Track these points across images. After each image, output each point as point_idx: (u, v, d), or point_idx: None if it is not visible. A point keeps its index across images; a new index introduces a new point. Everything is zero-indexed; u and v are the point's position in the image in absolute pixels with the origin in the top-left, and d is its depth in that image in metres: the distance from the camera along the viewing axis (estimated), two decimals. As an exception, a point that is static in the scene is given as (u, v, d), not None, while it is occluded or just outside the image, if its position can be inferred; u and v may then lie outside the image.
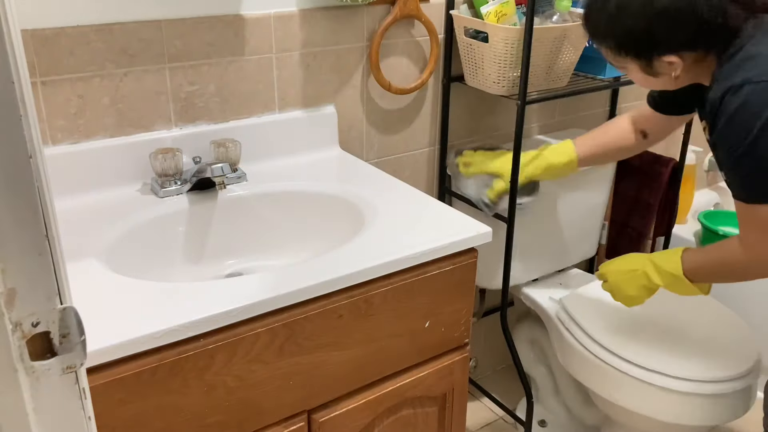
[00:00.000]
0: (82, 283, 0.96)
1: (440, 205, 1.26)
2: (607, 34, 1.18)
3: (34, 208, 0.47)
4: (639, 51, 1.15)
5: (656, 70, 1.17)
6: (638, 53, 1.16)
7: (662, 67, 1.15)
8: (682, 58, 1.13)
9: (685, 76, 1.18)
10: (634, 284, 1.36)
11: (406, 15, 1.50)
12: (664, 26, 1.10)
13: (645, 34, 1.12)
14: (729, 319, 1.60)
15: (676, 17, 1.08)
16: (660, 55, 1.13)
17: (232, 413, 0.99)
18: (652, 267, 1.33)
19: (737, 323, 1.59)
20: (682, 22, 1.09)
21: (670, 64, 1.14)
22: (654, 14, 1.09)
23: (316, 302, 1.01)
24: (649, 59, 1.15)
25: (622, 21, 1.13)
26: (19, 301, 0.48)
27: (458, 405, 1.30)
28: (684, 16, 1.08)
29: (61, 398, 0.52)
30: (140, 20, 1.22)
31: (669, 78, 1.17)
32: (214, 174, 1.23)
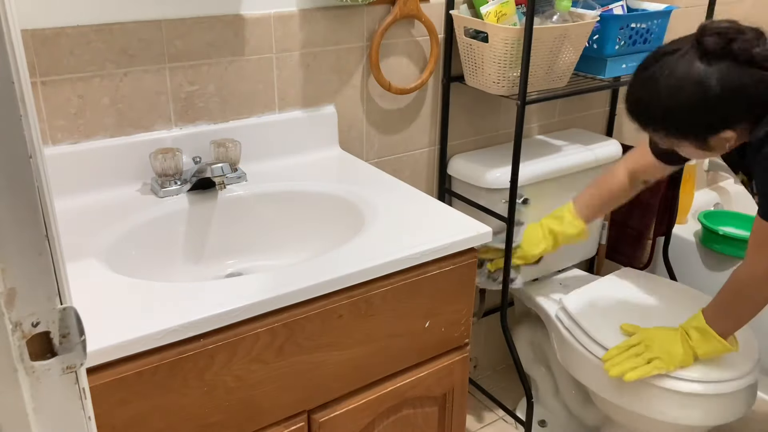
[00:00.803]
0: (82, 283, 0.96)
1: (440, 205, 1.26)
2: (662, 125, 1.21)
3: (34, 208, 0.47)
4: (697, 133, 1.18)
5: (712, 146, 1.19)
6: (696, 134, 1.19)
7: (718, 143, 1.18)
8: (736, 131, 1.16)
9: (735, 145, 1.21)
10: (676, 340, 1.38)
11: (406, 15, 1.50)
12: (721, 109, 1.13)
13: (703, 119, 1.15)
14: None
15: (730, 98, 1.12)
16: (717, 134, 1.16)
17: (232, 413, 0.99)
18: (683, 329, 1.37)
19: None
20: (737, 103, 1.13)
21: (726, 140, 1.17)
22: (710, 97, 1.12)
23: (316, 302, 1.01)
24: (705, 139, 1.18)
25: (678, 108, 1.16)
26: (19, 301, 0.48)
27: (458, 405, 1.30)
28: (737, 95, 1.12)
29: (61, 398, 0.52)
30: (140, 20, 1.22)
31: (723, 150, 1.21)
32: (214, 174, 1.23)
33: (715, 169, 2.40)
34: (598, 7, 1.62)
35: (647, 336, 1.41)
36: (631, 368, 1.38)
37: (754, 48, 1.11)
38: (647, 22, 1.64)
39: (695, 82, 1.12)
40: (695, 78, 1.12)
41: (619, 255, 2.05)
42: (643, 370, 1.37)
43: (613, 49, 1.62)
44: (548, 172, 1.70)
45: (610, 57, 1.63)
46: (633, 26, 1.63)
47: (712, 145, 1.19)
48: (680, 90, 1.14)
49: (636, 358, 1.39)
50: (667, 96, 1.16)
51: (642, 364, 1.38)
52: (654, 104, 1.18)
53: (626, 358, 1.40)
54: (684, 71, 1.13)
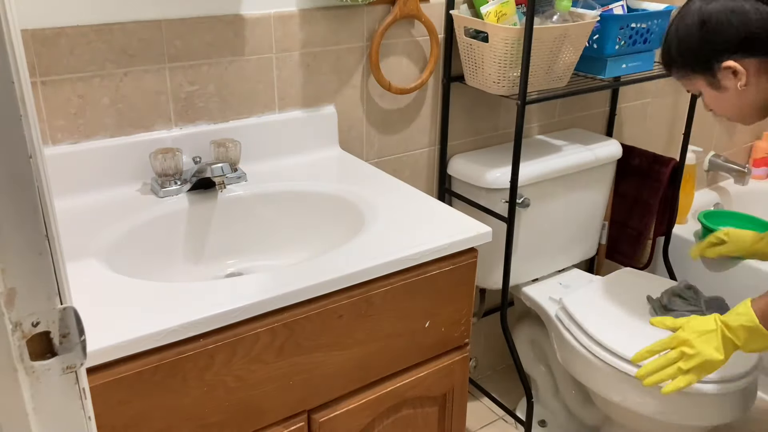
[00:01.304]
0: (82, 283, 0.96)
1: (440, 205, 1.26)
2: (672, 57, 1.25)
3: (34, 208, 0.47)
4: (699, 61, 1.21)
5: (721, 82, 1.20)
6: (699, 64, 1.21)
7: (726, 77, 1.19)
8: (742, 64, 1.16)
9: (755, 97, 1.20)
10: (713, 344, 1.21)
11: (406, 15, 1.50)
12: (711, 30, 1.17)
13: (698, 42, 1.19)
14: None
15: (722, 20, 1.16)
16: (719, 62, 1.18)
17: (232, 413, 0.99)
18: (724, 326, 1.21)
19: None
20: (728, 25, 1.15)
21: (734, 74, 1.17)
22: (703, 21, 1.17)
23: (316, 302, 1.01)
24: (711, 71, 1.19)
25: (680, 39, 1.22)
26: (19, 301, 0.48)
27: (458, 405, 1.30)
28: (729, 19, 1.15)
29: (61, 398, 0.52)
30: (140, 20, 1.22)
31: (737, 92, 1.20)
32: (214, 174, 1.23)
33: (715, 169, 2.40)
34: (598, 7, 1.62)
35: (684, 339, 1.23)
36: (668, 377, 1.23)
37: None
38: (647, 22, 1.64)
39: (696, 13, 1.19)
40: (696, 11, 1.19)
41: (619, 255, 2.05)
42: (681, 381, 1.22)
43: (613, 49, 1.62)
44: (548, 172, 1.70)
45: (610, 57, 1.63)
46: (633, 26, 1.63)
47: (721, 82, 1.20)
48: (685, 24, 1.20)
49: (672, 368, 1.23)
50: (674, 32, 1.23)
51: (678, 375, 1.23)
52: (669, 45, 1.25)
53: (662, 367, 1.24)
54: (690, 8, 1.21)
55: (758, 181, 2.50)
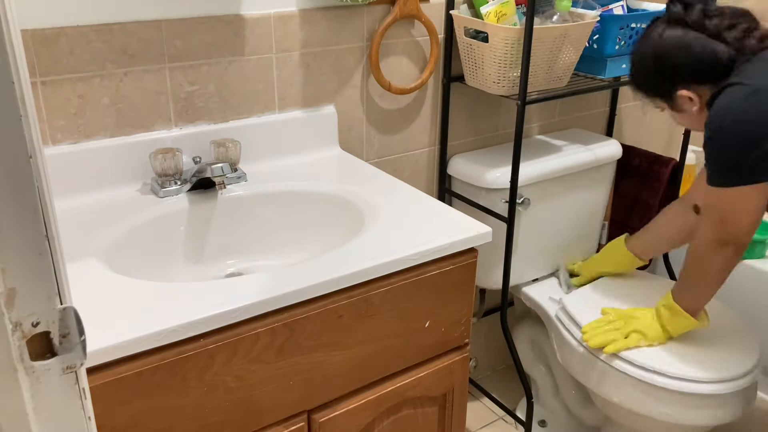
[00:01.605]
0: (82, 283, 0.96)
1: (440, 205, 1.26)
2: (637, 83, 1.40)
3: (34, 208, 0.47)
4: (658, 90, 1.36)
5: (679, 105, 1.34)
6: (658, 91, 1.36)
7: (683, 102, 1.32)
8: (696, 93, 1.30)
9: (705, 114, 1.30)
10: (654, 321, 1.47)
11: (406, 15, 1.50)
12: (665, 63, 1.31)
13: (655, 74, 1.34)
14: (730, 319, 1.60)
15: (673, 54, 1.29)
16: (676, 91, 1.31)
17: (232, 413, 0.99)
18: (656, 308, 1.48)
19: (738, 323, 1.59)
20: (678, 59, 1.29)
21: (687, 99, 1.31)
22: (658, 55, 1.32)
23: (316, 302, 1.01)
24: (670, 96, 1.34)
25: (641, 69, 1.37)
26: (19, 301, 0.48)
27: (458, 405, 1.30)
28: (679, 54, 1.29)
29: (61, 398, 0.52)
30: (140, 20, 1.22)
31: (692, 114, 1.33)
32: (214, 174, 1.23)
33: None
34: (598, 7, 1.62)
35: (625, 313, 1.51)
36: (611, 340, 1.46)
37: (709, 17, 1.27)
38: (647, 22, 1.64)
39: (652, 44, 1.32)
40: (655, 41, 1.32)
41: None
42: (623, 343, 1.46)
43: (613, 49, 1.62)
44: (548, 172, 1.70)
45: (610, 57, 1.63)
46: (633, 26, 1.63)
47: (679, 105, 1.34)
48: (644, 52, 1.35)
49: (615, 332, 1.48)
50: (637, 61, 1.37)
51: (620, 338, 1.47)
52: (632, 68, 1.39)
53: (605, 331, 1.49)
54: (650, 36, 1.34)
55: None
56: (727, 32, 1.26)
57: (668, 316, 1.43)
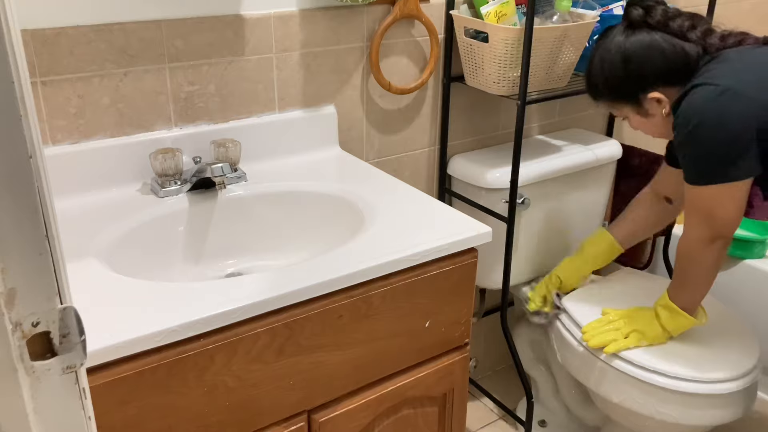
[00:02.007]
0: (82, 283, 0.96)
1: (440, 205, 1.26)
2: (598, 90, 1.37)
3: (34, 208, 0.47)
4: (626, 94, 1.33)
5: (647, 110, 1.33)
6: (626, 96, 1.34)
7: (651, 106, 1.32)
8: (665, 94, 1.29)
9: None
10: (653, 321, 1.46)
11: (406, 15, 1.50)
12: (635, 66, 1.29)
13: (624, 78, 1.31)
14: (729, 319, 1.60)
15: (643, 55, 1.28)
16: (644, 93, 1.31)
17: (232, 413, 0.99)
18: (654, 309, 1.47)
19: (738, 323, 1.59)
20: (650, 61, 1.28)
21: (658, 102, 1.30)
22: (626, 59, 1.30)
23: (316, 302, 1.01)
24: (636, 99, 1.32)
25: (605, 73, 1.33)
26: (19, 301, 0.48)
27: (458, 405, 1.30)
28: (649, 54, 1.28)
29: (61, 398, 0.52)
30: (140, 20, 1.22)
31: (662, 117, 1.32)
32: (214, 174, 1.23)
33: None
34: (598, 7, 1.62)
35: (624, 314, 1.50)
36: (611, 340, 1.46)
37: (672, 19, 1.28)
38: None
39: (616, 48, 1.31)
40: (616, 45, 1.31)
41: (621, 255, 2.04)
42: (623, 343, 1.46)
43: (613, 49, 1.61)
44: (548, 172, 1.70)
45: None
46: (633, 26, 1.62)
47: (647, 110, 1.33)
48: (606, 57, 1.32)
49: (615, 332, 1.48)
50: (598, 66, 1.34)
51: (620, 338, 1.47)
52: (593, 77, 1.37)
53: (605, 331, 1.49)
54: (610, 41, 1.32)
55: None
56: (690, 32, 1.27)
57: (666, 315, 1.43)
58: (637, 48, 1.28)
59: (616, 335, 1.47)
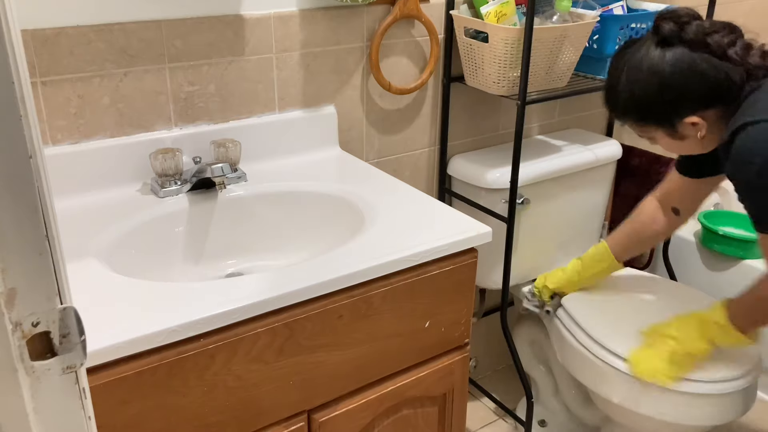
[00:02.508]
0: (82, 283, 0.96)
1: (440, 205, 1.26)
2: (626, 110, 1.25)
3: (34, 208, 0.47)
4: (659, 119, 1.22)
5: (681, 133, 1.22)
6: (659, 121, 1.22)
7: (686, 129, 1.20)
8: (703, 117, 1.18)
9: (711, 137, 1.21)
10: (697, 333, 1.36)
11: (406, 15, 1.50)
12: (674, 91, 1.17)
13: (659, 103, 1.19)
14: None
15: (684, 80, 1.16)
16: (681, 119, 1.19)
17: (232, 413, 0.99)
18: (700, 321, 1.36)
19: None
20: (690, 84, 1.16)
21: (693, 126, 1.19)
22: (661, 82, 1.17)
23: (317, 302, 1.01)
24: (671, 124, 1.21)
25: (636, 95, 1.21)
26: (19, 301, 0.48)
27: (458, 405, 1.30)
28: (690, 79, 1.16)
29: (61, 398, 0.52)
30: (140, 20, 1.22)
31: (696, 140, 1.22)
32: (214, 174, 1.23)
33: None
34: (598, 7, 1.62)
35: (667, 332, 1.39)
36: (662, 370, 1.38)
37: (709, 35, 1.15)
38: (647, 22, 1.64)
39: (649, 67, 1.18)
40: (649, 64, 1.18)
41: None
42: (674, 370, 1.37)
43: (613, 49, 1.62)
44: (548, 172, 1.70)
45: (610, 57, 1.63)
46: (633, 26, 1.63)
47: (681, 133, 1.22)
48: (637, 77, 1.20)
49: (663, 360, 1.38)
50: (626, 84, 1.21)
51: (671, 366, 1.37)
52: (618, 93, 1.24)
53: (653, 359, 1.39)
54: (640, 57, 1.19)
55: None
56: (729, 49, 1.16)
57: (720, 334, 1.34)
58: (675, 71, 1.16)
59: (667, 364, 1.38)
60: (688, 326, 1.37)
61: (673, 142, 1.26)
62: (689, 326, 1.37)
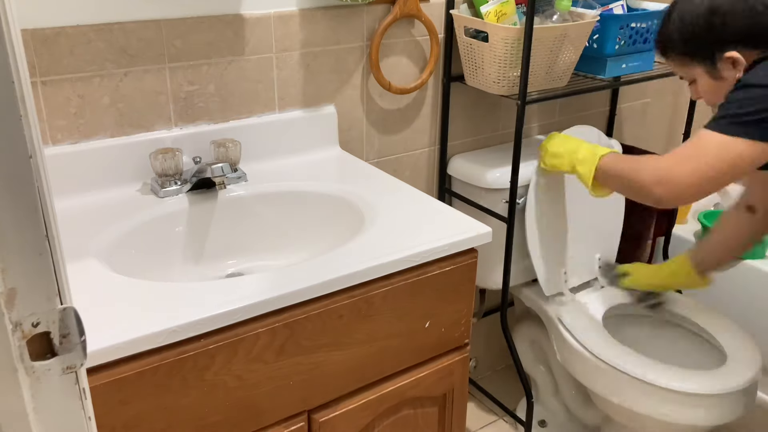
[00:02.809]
0: (82, 283, 0.96)
1: (440, 205, 1.26)
2: (674, 46, 1.26)
3: (34, 208, 0.47)
4: (702, 50, 1.22)
5: (720, 72, 1.22)
6: (702, 53, 1.22)
7: (726, 67, 1.20)
8: (743, 55, 1.18)
9: None
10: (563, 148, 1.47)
11: (406, 15, 1.49)
12: (719, 19, 1.19)
13: (705, 29, 1.20)
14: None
15: (731, 10, 1.18)
16: (721, 52, 1.19)
17: (232, 413, 0.99)
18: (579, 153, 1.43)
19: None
20: (737, 15, 1.17)
21: (733, 64, 1.19)
22: (709, 10, 1.19)
23: (317, 302, 1.01)
24: (712, 59, 1.21)
25: (685, 22, 1.23)
26: (19, 301, 0.48)
27: (458, 405, 1.30)
28: (738, 10, 1.17)
29: (61, 398, 0.52)
30: (140, 20, 1.22)
31: (730, 81, 1.20)
32: (214, 174, 1.23)
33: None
34: (598, 7, 1.62)
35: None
36: None
37: None
38: (647, 21, 1.64)
39: (696, 3, 1.21)
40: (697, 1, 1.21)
41: (620, 255, 2.05)
42: None
43: (613, 48, 1.62)
44: (548, 172, 1.69)
45: (610, 57, 1.63)
46: (633, 26, 1.63)
47: (720, 71, 1.21)
48: (688, 9, 1.22)
49: None
50: (679, 18, 1.23)
51: None
52: (670, 28, 1.25)
53: None
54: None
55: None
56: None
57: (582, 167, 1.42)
58: (715, 7, 1.19)
59: None
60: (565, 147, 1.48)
61: (711, 83, 1.25)
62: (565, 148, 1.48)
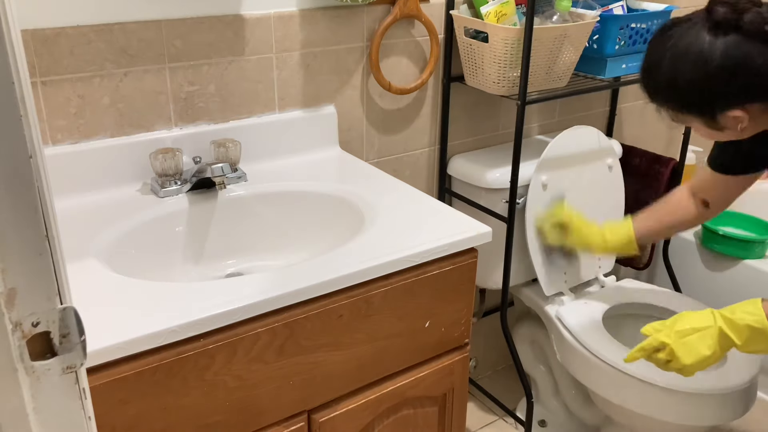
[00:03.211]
0: (82, 283, 0.96)
1: (440, 205, 1.26)
2: (667, 96, 1.16)
3: (34, 208, 0.47)
4: (701, 109, 1.13)
5: (721, 125, 1.14)
6: (701, 111, 1.13)
7: (727, 121, 1.12)
8: (746, 110, 1.10)
9: (751, 126, 1.15)
10: (706, 343, 1.16)
11: (406, 15, 1.50)
12: (721, 82, 1.08)
13: (704, 93, 1.10)
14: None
15: (732, 72, 1.06)
16: (723, 111, 1.10)
17: (232, 413, 0.99)
18: (725, 322, 1.16)
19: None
20: (739, 77, 1.07)
21: (735, 119, 1.11)
22: (709, 72, 1.07)
23: (317, 302, 1.01)
24: (712, 115, 1.12)
25: (679, 83, 1.11)
26: (19, 301, 0.48)
27: (458, 405, 1.30)
28: (740, 70, 1.06)
29: (61, 398, 0.52)
30: (140, 20, 1.22)
31: (734, 131, 1.15)
32: (214, 174, 1.23)
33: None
34: (598, 7, 1.62)
35: (663, 342, 1.20)
36: None
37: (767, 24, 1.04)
38: (647, 22, 1.64)
39: (698, 53, 1.07)
40: (698, 49, 1.07)
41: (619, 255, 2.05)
42: None
43: (613, 49, 1.62)
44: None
45: (610, 57, 1.63)
46: (633, 26, 1.63)
47: (722, 124, 1.13)
48: (683, 61, 1.09)
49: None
50: (670, 66, 1.11)
51: None
52: (659, 74, 1.14)
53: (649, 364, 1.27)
54: (689, 42, 1.09)
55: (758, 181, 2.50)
56: None
57: (749, 337, 1.15)
58: (726, 63, 1.06)
59: None
60: (705, 349, 1.17)
61: (710, 132, 1.17)
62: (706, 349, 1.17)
